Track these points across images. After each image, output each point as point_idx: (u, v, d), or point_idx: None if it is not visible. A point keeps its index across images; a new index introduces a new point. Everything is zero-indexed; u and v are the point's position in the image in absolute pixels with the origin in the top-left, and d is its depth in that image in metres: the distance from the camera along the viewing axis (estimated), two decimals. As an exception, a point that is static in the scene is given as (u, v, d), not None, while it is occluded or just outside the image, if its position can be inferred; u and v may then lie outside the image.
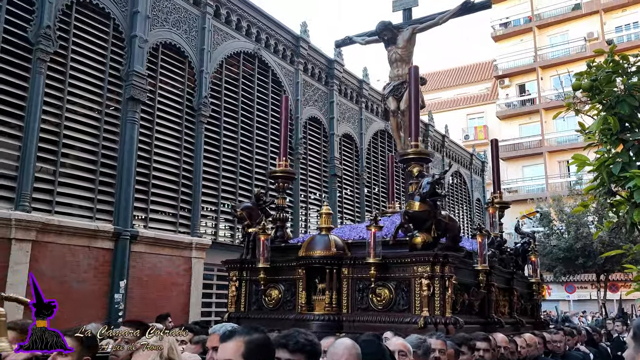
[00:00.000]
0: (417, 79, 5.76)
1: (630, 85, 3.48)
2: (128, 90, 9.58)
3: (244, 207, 6.23)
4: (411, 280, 4.92)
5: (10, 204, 7.90)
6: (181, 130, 10.74)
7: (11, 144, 8.14)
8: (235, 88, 12.24)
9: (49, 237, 8.18)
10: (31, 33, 8.28)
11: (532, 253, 7.38)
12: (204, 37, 11.18)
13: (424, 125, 21.11)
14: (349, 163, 16.17)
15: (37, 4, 8.37)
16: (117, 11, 9.62)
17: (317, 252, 5.37)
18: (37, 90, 8.24)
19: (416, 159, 5.50)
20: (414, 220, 5.12)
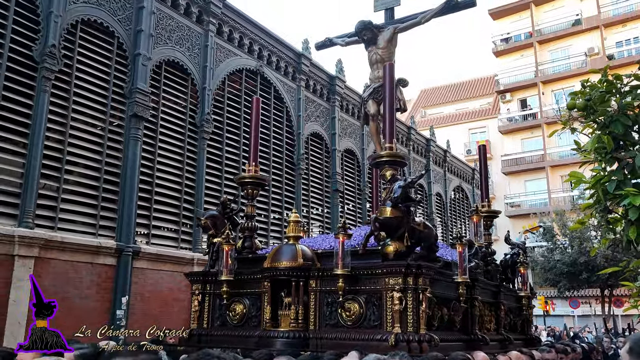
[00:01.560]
0: (392, 76, 5.39)
1: (623, 105, 3.54)
2: (131, 107, 9.68)
3: (209, 215, 5.79)
4: (383, 293, 4.49)
5: (13, 220, 7.96)
6: (183, 146, 10.83)
7: (15, 161, 8.23)
8: (238, 105, 12.35)
9: (51, 253, 8.23)
10: (36, 52, 8.41)
11: (521, 265, 6.85)
12: (207, 55, 11.31)
13: (426, 140, 21.20)
14: (350, 178, 16.23)
15: (43, 24, 8.51)
16: (121, 30, 9.76)
17: (283, 263, 4.94)
18: (42, 108, 8.35)
19: (390, 162, 5.04)
20: (385, 228, 4.72)
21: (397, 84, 6.70)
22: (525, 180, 34.71)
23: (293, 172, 13.76)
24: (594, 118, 3.61)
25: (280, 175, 13.33)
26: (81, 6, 9.13)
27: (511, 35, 36.84)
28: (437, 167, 21.90)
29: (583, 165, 3.86)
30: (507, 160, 35.10)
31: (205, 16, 11.42)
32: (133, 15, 9.98)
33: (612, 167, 3.65)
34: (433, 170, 21.16)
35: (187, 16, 11.11)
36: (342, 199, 15.56)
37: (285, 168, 13.51)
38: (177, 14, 10.90)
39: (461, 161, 25.25)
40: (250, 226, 5.92)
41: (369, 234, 4.86)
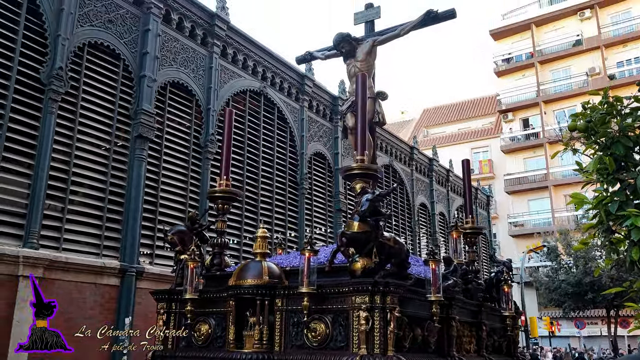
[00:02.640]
0: (365, 87, 5.25)
1: (624, 127, 3.58)
2: (136, 128, 9.78)
3: (176, 231, 5.57)
4: (349, 312, 4.25)
5: (18, 241, 8.00)
6: (188, 167, 10.90)
7: (21, 182, 8.29)
8: (242, 125, 12.45)
9: (56, 274, 8.24)
10: (44, 74, 8.54)
11: (505, 283, 6.59)
12: (211, 76, 11.45)
13: (428, 160, 21.27)
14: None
15: (51, 47, 8.65)
16: (127, 52, 9.90)
17: (247, 281, 4.70)
18: (48, 130, 8.44)
19: (361, 174, 4.81)
20: (352, 243, 4.50)
21: (376, 97, 6.69)
22: (529, 200, 34.70)
23: (296, 192, 13.80)
24: (595, 139, 3.64)
25: (283, 195, 13.37)
26: (88, 29, 9.28)
27: (512, 56, 37.19)
28: (440, 187, 21.92)
29: (585, 186, 3.88)
30: (510, 180, 35.14)
31: (209, 38, 11.58)
32: (139, 37, 10.14)
33: (614, 188, 3.67)
34: (436, 190, 21.18)
35: (192, 38, 11.27)
36: (345, 219, 15.55)
37: (288, 188, 13.55)
38: (182, 36, 11.07)
39: (464, 181, 25.25)
40: (219, 242, 5.68)
41: (336, 249, 4.65)
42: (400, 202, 19.02)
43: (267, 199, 12.82)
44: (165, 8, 10.59)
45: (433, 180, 21.09)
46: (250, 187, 12.40)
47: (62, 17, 8.76)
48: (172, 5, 10.76)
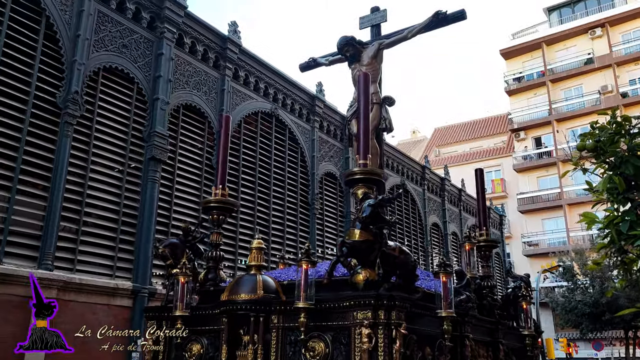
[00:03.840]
0: (367, 86, 4.92)
1: (633, 146, 3.58)
2: (149, 150, 9.91)
3: (168, 243, 5.21)
4: (351, 330, 3.88)
5: (33, 262, 8.09)
6: (200, 188, 10.99)
7: (37, 204, 8.41)
8: (253, 146, 12.56)
9: (69, 295, 8.30)
10: (60, 98, 8.71)
11: (523, 299, 6.13)
12: (223, 98, 11.61)
13: (440, 179, 21.22)
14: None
15: (67, 71, 8.84)
16: (140, 76, 10.08)
17: (241, 296, 4.35)
18: (64, 152, 8.59)
19: (364, 179, 4.42)
20: (353, 253, 4.15)
21: (382, 102, 6.45)
22: (543, 219, 34.36)
23: (308, 212, 13.83)
24: (604, 159, 3.65)
25: (295, 214, 13.40)
26: (104, 54, 9.48)
27: (523, 75, 37.19)
28: (452, 207, 21.82)
29: (595, 205, 3.88)
30: (523, 199, 34.86)
31: (221, 61, 11.76)
32: (152, 61, 10.33)
33: (625, 207, 3.66)
34: (448, 210, 21.09)
35: (204, 61, 11.46)
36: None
37: (300, 208, 13.59)
38: (195, 59, 11.26)
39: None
40: (214, 256, 5.30)
41: (335, 260, 4.27)
42: (413, 222, 18.95)
43: (279, 219, 12.85)
44: (179, 32, 10.80)
45: (445, 200, 21.02)
46: (262, 208, 12.45)
47: (79, 43, 8.97)
48: (185, 29, 10.98)
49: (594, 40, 34.60)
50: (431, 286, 4.83)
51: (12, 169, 8.13)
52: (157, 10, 10.42)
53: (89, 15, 9.19)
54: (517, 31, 38.91)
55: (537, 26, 37.96)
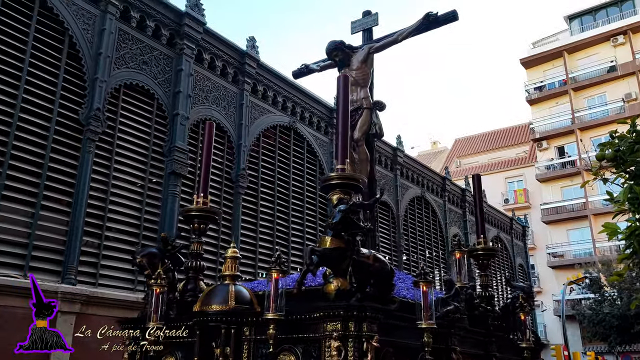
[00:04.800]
0: (346, 88, 4.74)
1: (653, 155, 3.51)
2: (170, 165, 10.03)
3: (146, 253, 4.99)
4: (322, 342, 3.71)
5: (57, 277, 8.22)
6: (220, 202, 11.07)
7: (60, 219, 8.56)
8: (272, 159, 12.63)
9: (92, 309, 8.40)
10: (82, 115, 8.89)
11: (521, 310, 5.79)
12: (242, 113, 11.71)
13: (461, 190, 21.03)
14: (386, 230, 16.14)
15: (89, 89, 9.03)
16: (160, 91, 10.24)
17: (212, 307, 4.19)
18: (86, 168, 8.74)
19: (341, 184, 4.22)
20: (324, 261, 3.96)
21: (373, 107, 6.36)
22: (568, 230, 33.78)
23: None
24: (624, 168, 3.59)
25: (314, 228, 13.39)
26: (124, 71, 9.67)
27: (545, 84, 36.83)
28: (473, 218, 21.57)
29: (617, 216, 3.80)
30: (547, 209, 34.35)
31: (240, 76, 11.89)
32: (172, 77, 10.49)
33: (647, 217, 3.59)
34: (469, 221, 20.87)
35: (223, 77, 11.60)
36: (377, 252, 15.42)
37: (318, 221, 13.58)
38: (214, 75, 11.40)
39: (498, 211, 24.82)
40: (194, 266, 5.11)
41: (305, 269, 4.07)
42: (434, 233, 18.80)
43: (299, 232, 12.86)
44: (198, 48, 10.96)
45: (466, 211, 20.81)
46: (281, 221, 12.48)
47: (100, 61, 9.16)
48: (204, 45, 11.14)
49: (616, 47, 34.15)
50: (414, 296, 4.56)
51: (37, 185, 8.30)
52: (177, 27, 10.61)
53: (110, 34, 9.39)
54: (537, 40, 38.64)
55: (558, 34, 37.62)
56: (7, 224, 7.92)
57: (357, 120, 6.29)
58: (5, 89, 8.14)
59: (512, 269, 23.89)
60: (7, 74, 8.18)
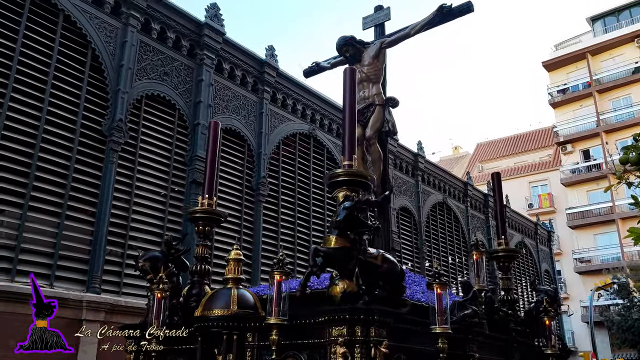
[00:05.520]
0: (353, 80, 4.47)
1: (678, 158, 3.43)
2: (191, 174, 10.13)
3: (148, 257, 4.77)
4: (327, 348, 3.49)
5: (82, 286, 8.34)
6: (241, 209, 11.14)
7: (84, 229, 8.70)
8: (292, 167, 12.67)
9: (116, 317, 8.49)
10: (105, 126, 9.05)
11: (545, 314, 5.41)
12: (262, 121, 11.79)
13: (483, 195, 20.79)
14: (407, 237, 16.04)
15: (111, 100, 9.19)
16: (181, 102, 10.37)
17: (214, 312, 4.02)
18: (109, 178, 8.88)
19: (348, 182, 3.97)
20: (328, 262, 3.73)
21: (386, 103, 6.20)
22: (595, 234, 33.11)
23: (348, 232, 13.77)
24: (648, 172, 3.51)
25: (335, 235, 13.36)
26: (146, 82, 9.81)
27: (568, 86, 36.28)
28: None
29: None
30: (573, 214, 33.73)
31: (260, 85, 11.98)
32: (193, 87, 10.61)
33: (674, 221, 3.50)
34: (493, 227, 20.60)
35: (242, 86, 11.69)
36: (399, 258, 15.32)
37: (340, 228, 13.54)
38: (234, 84, 11.50)
39: (522, 216, 24.47)
40: (199, 270, 4.90)
41: (309, 271, 3.83)
42: (456, 239, 18.61)
43: (319, 239, 12.84)
44: (217, 58, 11.08)
45: (489, 217, 20.56)
46: (302, 229, 12.49)
47: (122, 72, 9.31)
48: (223, 55, 11.25)
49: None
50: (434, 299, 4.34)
51: (62, 196, 8.46)
52: (197, 37, 10.74)
53: (131, 46, 9.55)
54: (559, 42, 38.15)
55: (581, 36, 37.08)
56: (33, 234, 8.08)
57: (369, 117, 6.12)
58: (31, 102, 8.33)
59: (538, 275, 23.50)
60: (32, 87, 8.37)
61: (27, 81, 8.32)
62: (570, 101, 35.86)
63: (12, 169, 7.98)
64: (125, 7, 9.59)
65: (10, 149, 7.99)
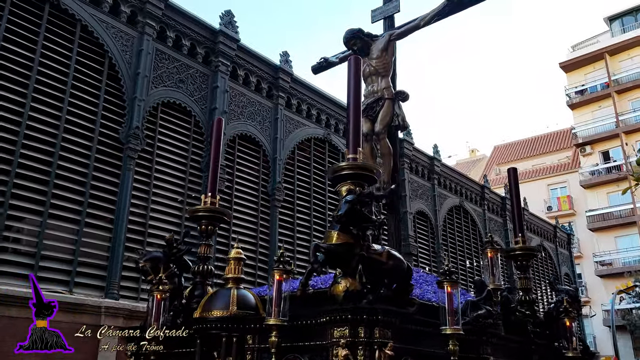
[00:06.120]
0: (358, 70, 4.27)
1: (697, 158, 3.37)
2: (207, 179, 10.17)
3: (149, 257, 4.62)
4: (330, 350, 3.29)
5: (100, 292, 8.44)
6: (257, 215, 11.18)
7: (103, 235, 8.80)
8: (307, 172, 12.69)
9: (134, 323, 8.55)
10: (122, 134, 9.16)
11: (566, 315, 5.18)
12: (277, 127, 11.84)
13: (501, 199, 20.60)
14: (424, 241, 15.95)
15: (128, 108, 9.30)
16: (197, 109, 10.46)
17: (213, 313, 3.88)
18: (127, 185, 8.98)
19: (352, 175, 3.76)
20: (330, 259, 3.52)
21: (395, 97, 6.07)
22: (615, 237, 32.53)
23: (365, 237, 13.74)
24: (667, 173, 3.45)
25: (351, 240, 13.34)
26: (162, 90, 9.92)
27: (586, 87, 35.79)
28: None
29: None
30: (593, 216, 33.19)
31: (274, 91, 12.03)
32: (208, 94, 10.70)
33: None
34: (511, 230, 20.39)
35: (257, 92, 11.76)
36: (416, 263, 15.24)
37: (356, 233, 13.52)
38: (249, 90, 11.57)
39: (541, 219, 24.18)
40: (202, 270, 4.73)
41: (310, 269, 3.61)
42: (474, 243, 18.45)
43: (336, 245, 12.84)
44: (232, 65, 11.16)
45: (507, 220, 20.35)
46: (318, 233, 12.49)
47: (138, 80, 9.43)
48: (238, 62, 11.33)
49: (660, 47, 32.98)
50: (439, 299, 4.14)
51: (80, 203, 8.57)
52: (212, 45, 10.84)
53: (147, 54, 9.67)
54: (576, 43, 37.67)
55: (598, 36, 36.59)
56: (53, 241, 8.20)
57: (379, 111, 6.01)
58: (50, 111, 8.47)
59: (558, 279, 23.18)
60: (51, 96, 8.52)
61: (46, 90, 8.46)
62: (588, 102, 35.37)
63: (32, 177, 8.12)
64: (141, 16, 9.72)
65: (30, 158, 8.13)
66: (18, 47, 8.27)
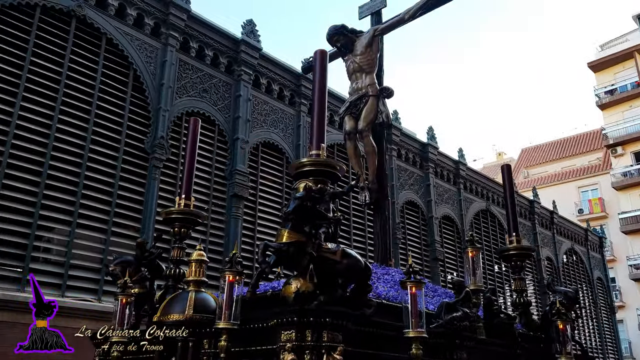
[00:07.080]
0: (323, 62, 4.12)
1: None
2: (231, 188, 10.28)
3: (120, 261, 4.50)
4: (279, 354, 3.14)
5: (127, 299, 8.55)
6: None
7: (129, 244, 8.92)
8: (331, 178, 12.67)
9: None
10: (147, 143, 9.31)
11: (559, 318, 4.86)
12: (299, 134, 11.87)
13: (529, 202, 20.24)
14: (450, 245, 15.77)
15: (153, 118, 9.45)
16: (221, 118, 10.57)
17: (171, 317, 3.80)
18: (152, 194, 9.11)
19: (315, 172, 3.60)
20: (280, 259, 3.34)
21: (380, 94, 5.96)
22: (650, 239, 31.63)
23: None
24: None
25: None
26: (186, 100, 10.06)
27: (616, 87, 34.99)
28: (544, 230, 20.70)
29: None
30: (626, 219, 32.32)
31: (297, 98, 12.09)
32: (231, 103, 10.81)
33: None
34: (540, 233, 20.03)
35: (280, 100, 11.83)
36: (442, 268, 15.08)
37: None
38: (271, 98, 11.65)
39: (571, 222, 23.66)
40: (174, 274, 4.59)
41: (260, 270, 3.42)
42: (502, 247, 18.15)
43: (361, 250, 12.76)
44: (255, 74, 11.26)
45: (536, 223, 19.99)
46: (342, 240, 12.45)
47: (163, 91, 9.59)
48: (260, 70, 11.42)
49: (692, 43, 32.07)
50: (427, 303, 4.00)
51: (107, 213, 8.73)
52: (234, 54, 10.95)
53: (171, 65, 9.82)
54: (605, 42, 36.89)
55: (627, 35, 35.76)
56: (81, 250, 8.37)
57: (362, 108, 5.89)
58: (77, 123, 8.67)
59: (590, 283, 22.64)
60: (78, 108, 8.72)
61: (73, 103, 8.67)
62: (618, 102, 34.56)
63: (60, 188, 8.30)
64: (165, 28, 9.89)
65: (59, 169, 8.32)
66: (46, 61, 8.50)
